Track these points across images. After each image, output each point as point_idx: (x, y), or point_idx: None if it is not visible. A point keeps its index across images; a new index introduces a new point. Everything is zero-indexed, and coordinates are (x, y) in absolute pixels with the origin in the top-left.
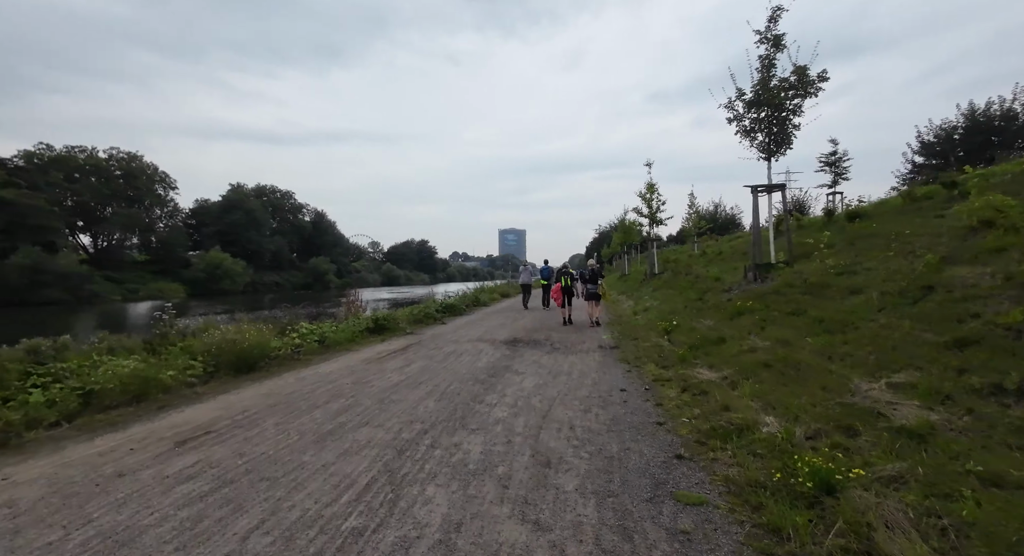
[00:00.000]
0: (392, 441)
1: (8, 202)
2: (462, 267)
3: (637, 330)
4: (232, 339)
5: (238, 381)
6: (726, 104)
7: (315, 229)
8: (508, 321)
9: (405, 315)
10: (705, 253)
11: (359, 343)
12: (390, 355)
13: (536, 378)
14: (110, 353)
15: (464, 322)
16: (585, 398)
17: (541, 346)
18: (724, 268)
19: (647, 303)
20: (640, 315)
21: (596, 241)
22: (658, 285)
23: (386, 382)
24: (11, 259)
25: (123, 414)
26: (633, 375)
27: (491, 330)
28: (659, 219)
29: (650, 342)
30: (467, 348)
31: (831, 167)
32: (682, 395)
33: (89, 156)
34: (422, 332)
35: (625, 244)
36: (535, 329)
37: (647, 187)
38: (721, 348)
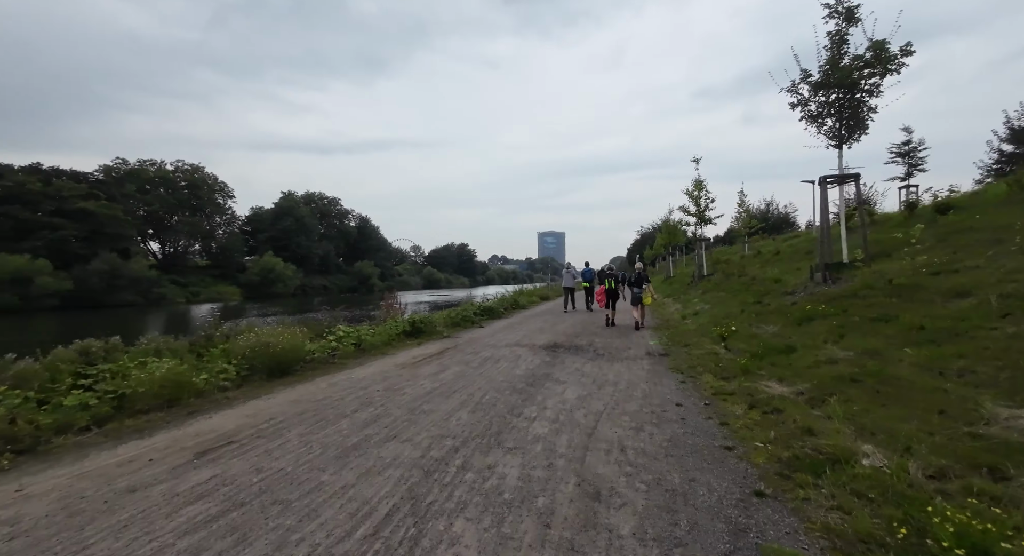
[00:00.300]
0: (419, 460)
1: (90, 213)
2: (501, 270)
3: (688, 336)
4: (266, 343)
5: (271, 386)
6: (789, 88)
7: (360, 234)
8: (548, 325)
9: (442, 318)
10: (760, 253)
11: (395, 347)
12: (425, 360)
13: (579, 388)
14: (156, 355)
15: (502, 326)
16: (635, 413)
17: (583, 352)
18: (784, 269)
19: (696, 306)
20: (690, 319)
21: (638, 243)
22: (708, 287)
23: (418, 390)
24: (92, 265)
25: (152, 420)
26: (688, 387)
27: (530, 334)
28: (708, 218)
29: (704, 349)
30: (505, 354)
31: (904, 158)
32: (750, 413)
33: (158, 169)
34: (459, 336)
35: (669, 245)
36: (576, 334)
37: (695, 184)
38: (791, 358)
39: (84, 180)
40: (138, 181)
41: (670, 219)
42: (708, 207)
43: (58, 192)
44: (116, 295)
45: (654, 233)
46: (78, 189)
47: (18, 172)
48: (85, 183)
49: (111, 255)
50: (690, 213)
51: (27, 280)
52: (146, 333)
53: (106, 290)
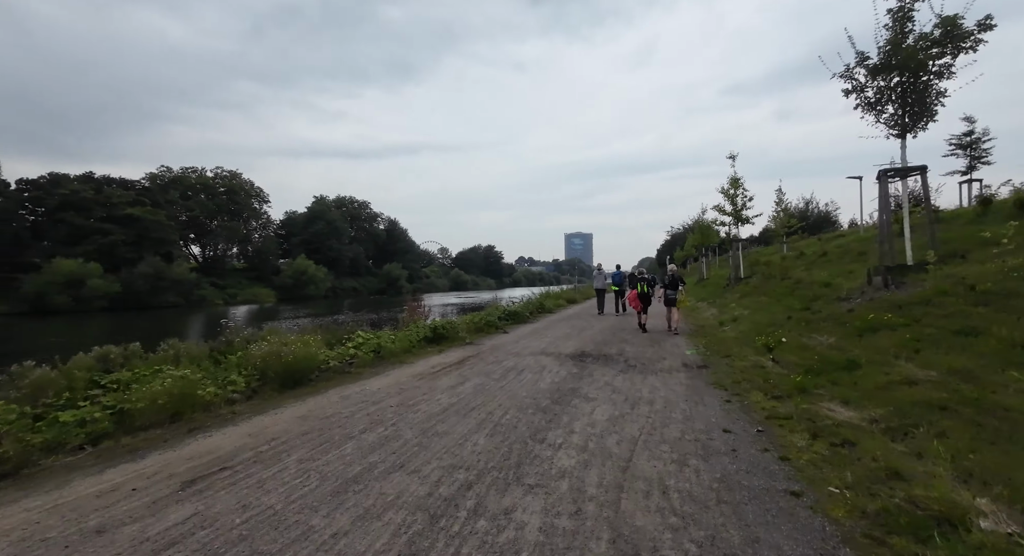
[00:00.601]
0: (426, 499)
1: (136, 219)
2: (528, 272)
3: (727, 345)
4: (277, 353)
5: (281, 398)
6: (842, 73)
7: (389, 237)
8: (575, 331)
9: (465, 323)
10: (803, 254)
11: (415, 354)
12: (444, 370)
13: (610, 407)
14: (175, 362)
15: (528, 331)
16: (677, 442)
17: (613, 363)
18: (833, 271)
19: (735, 312)
20: (728, 326)
21: (668, 244)
22: (746, 291)
23: (434, 406)
24: (138, 268)
25: (150, 438)
26: (735, 408)
27: (556, 341)
28: (745, 217)
29: (748, 361)
30: (529, 363)
31: (965, 150)
32: (814, 445)
33: (199, 176)
34: (482, 342)
35: (702, 246)
36: (605, 341)
37: (730, 181)
38: (855, 376)
39: (131, 187)
40: (181, 187)
41: (703, 219)
42: (745, 206)
43: (108, 199)
44: (160, 297)
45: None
46: (126, 196)
47: (73, 181)
48: (132, 190)
49: (155, 259)
50: (725, 212)
51: (80, 283)
52: (184, 335)
53: (151, 292)
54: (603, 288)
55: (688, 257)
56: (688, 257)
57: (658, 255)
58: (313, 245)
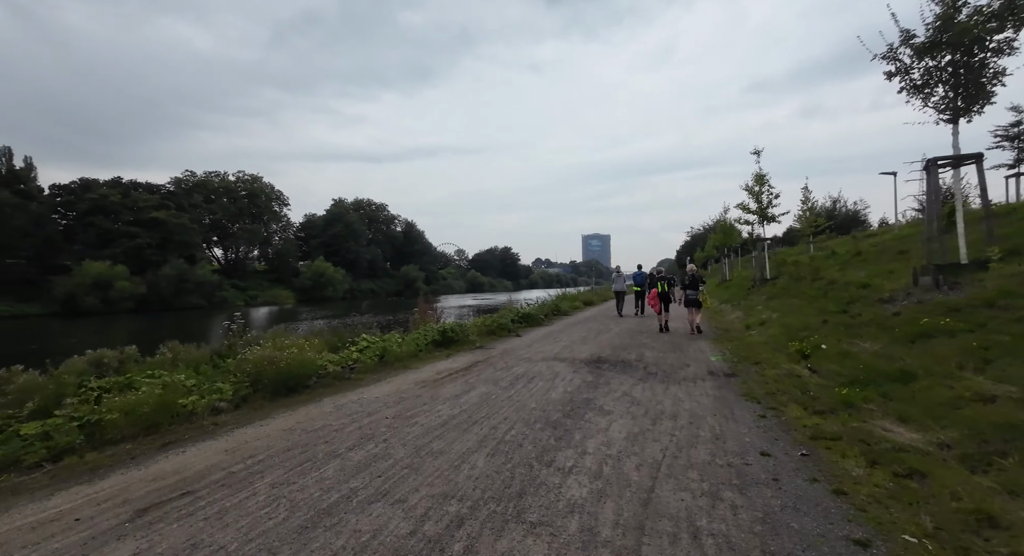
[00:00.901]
0: (407, 539)
1: (161, 222)
2: (545, 273)
3: (756, 350)
4: (270, 358)
5: (272, 407)
6: (885, 54)
7: (406, 239)
8: (591, 334)
9: (475, 326)
10: (834, 254)
11: (422, 359)
12: (450, 377)
13: (628, 422)
14: (173, 365)
15: (541, 334)
16: (706, 467)
17: (632, 369)
18: (871, 271)
19: (762, 315)
20: (755, 330)
21: (688, 244)
22: (773, 292)
23: (433, 419)
24: (162, 270)
25: (117, 454)
26: (772, 425)
27: (571, 345)
28: (771, 215)
29: (780, 370)
30: (540, 370)
31: (1013, 142)
32: (874, 474)
33: (222, 180)
34: (492, 346)
35: (725, 246)
36: (623, 345)
37: (755, 178)
38: (912, 389)
39: (157, 192)
40: (204, 191)
41: (725, 218)
42: (771, 203)
43: (135, 203)
44: (184, 298)
45: (705, 234)
46: (151, 200)
47: (102, 186)
48: (157, 194)
49: (179, 261)
50: (750, 210)
51: (107, 285)
52: (202, 337)
53: (175, 294)
54: (623, 290)
55: (709, 258)
56: (709, 258)
57: (677, 256)
58: (332, 247)
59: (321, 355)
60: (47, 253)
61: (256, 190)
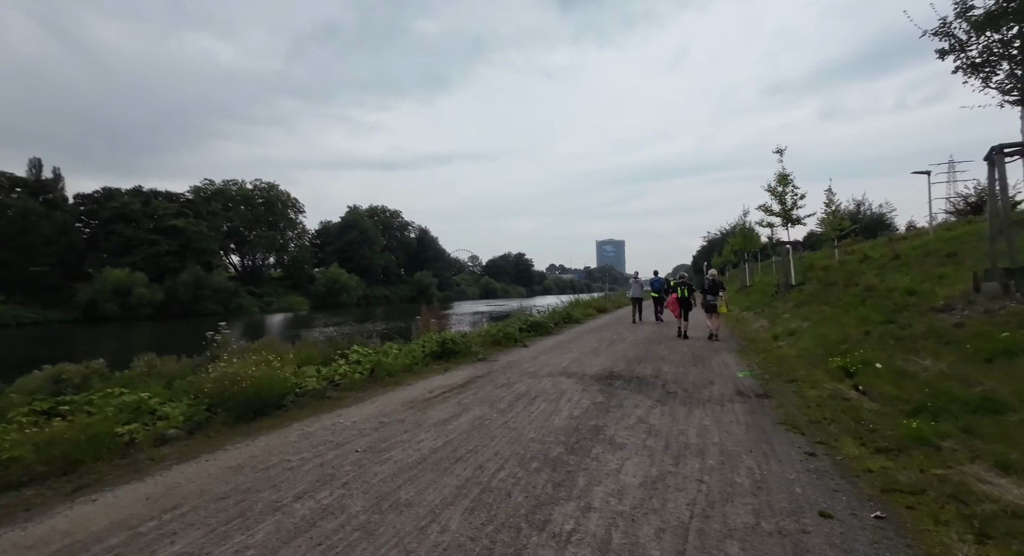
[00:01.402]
0: None
1: (179, 230)
2: (559, 279)
3: (789, 365)
4: (233, 376)
5: (229, 435)
6: (937, 30)
7: (419, 245)
8: (604, 344)
9: (480, 336)
10: (867, 258)
11: (417, 373)
12: (442, 395)
13: (645, 461)
14: (144, 380)
15: (551, 344)
16: (751, 534)
17: (649, 388)
18: (915, 276)
19: (790, 324)
20: (784, 341)
21: (705, 249)
22: (800, 299)
23: (410, 453)
24: (180, 277)
25: (10, 505)
26: (826, 467)
27: (581, 358)
28: (795, 217)
29: (821, 390)
30: (545, 388)
31: None
32: (988, 553)
33: (240, 188)
34: (496, 359)
35: (745, 251)
36: (639, 358)
37: (778, 178)
38: (1006, 424)
39: (176, 200)
40: (222, 199)
41: (746, 221)
42: (796, 204)
43: (154, 211)
44: (200, 305)
45: (723, 239)
46: (171, 208)
47: (124, 195)
48: (177, 203)
49: (196, 268)
50: (772, 212)
51: (127, 292)
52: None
53: (192, 300)
54: (640, 296)
55: (727, 263)
56: (727, 263)
57: (694, 261)
58: (346, 254)
59: (301, 371)
60: (71, 260)
61: (272, 198)
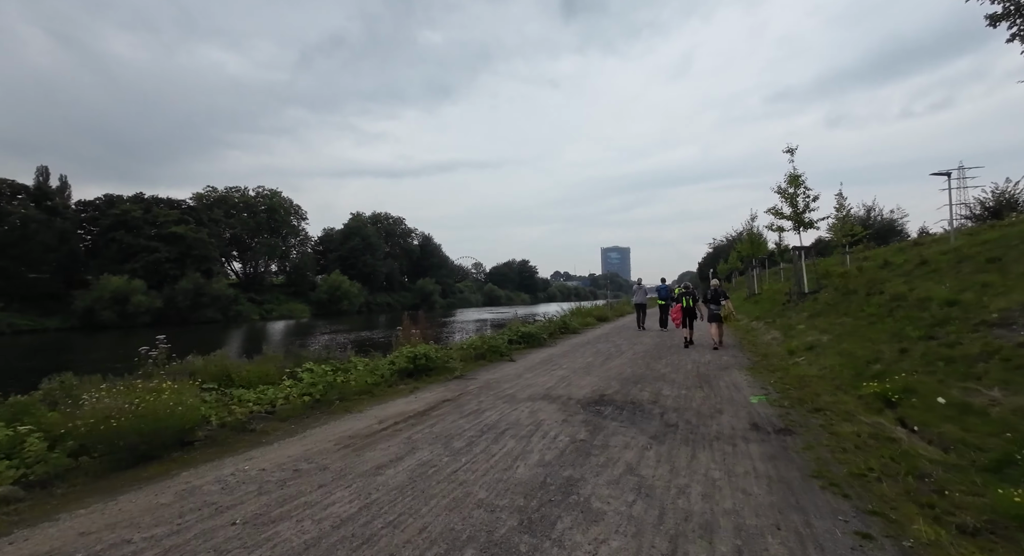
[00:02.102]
0: None
1: (180, 237)
2: (563, 286)
3: (810, 387)
4: (109, 410)
5: (87, 492)
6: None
7: (422, 252)
8: (599, 359)
9: (462, 349)
10: (888, 263)
11: (377, 395)
12: (393, 428)
13: (629, 545)
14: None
15: (540, 359)
16: None
17: (644, 418)
18: (954, 285)
19: (807, 336)
20: (802, 357)
21: (710, 256)
22: (816, 309)
23: (306, 529)
24: (179, 284)
25: None
26: None
27: (571, 375)
28: (808, 220)
29: (858, 425)
30: (519, 417)
31: None
32: None
33: (242, 195)
34: (474, 376)
35: (753, 257)
36: (636, 377)
37: (789, 179)
38: None
39: (177, 207)
40: (224, 207)
41: (753, 227)
42: (808, 207)
43: (155, 218)
44: (200, 312)
45: (728, 246)
46: (172, 215)
47: (125, 201)
48: (178, 210)
49: (195, 275)
50: (783, 215)
51: (125, 299)
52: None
53: (191, 308)
54: (643, 303)
55: (733, 270)
56: (733, 270)
57: (699, 269)
58: (349, 261)
59: (234, 396)
60: (71, 267)
61: (275, 204)
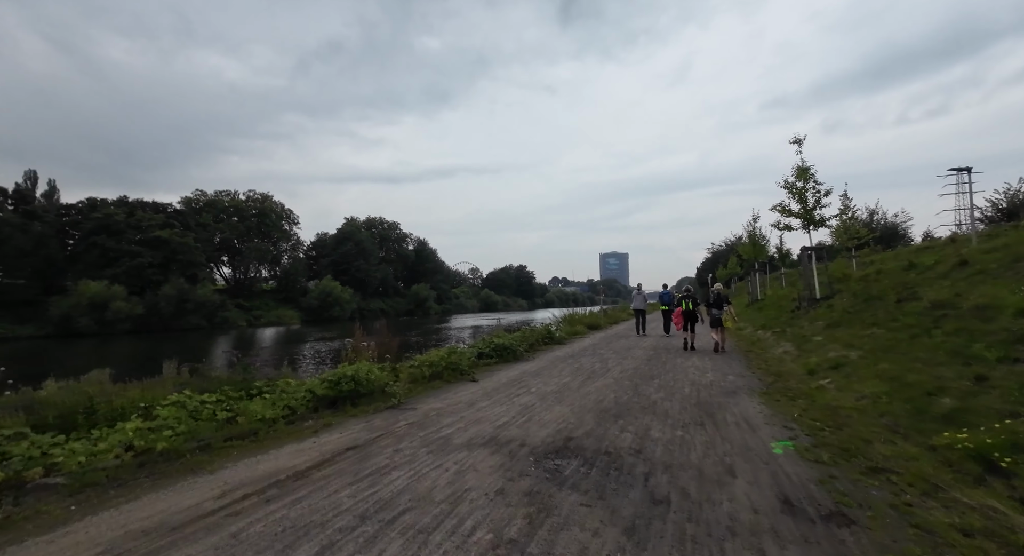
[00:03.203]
0: None
1: (164, 241)
2: (561, 292)
3: (852, 428)
4: None
5: None
6: None
7: (418, 257)
8: (577, 380)
9: (412, 368)
10: (914, 265)
11: (271, 437)
12: (226, 512)
13: None
14: None
15: (508, 378)
16: None
17: (620, 483)
18: (1001, 287)
19: (829, 352)
20: (827, 378)
21: (709, 261)
22: (832, 318)
23: None
24: (162, 290)
25: None
26: None
27: (536, 405)
28: (820, 217)
29: (954, 510)
30: (435, 483)
31: None
32: None
33: (233, 199)
34: (416, 404)
35: (756, 260)
36: (619, 406)
37: (797, 172)
38: None
39: (163, 211)
40: (214, 211)
41: (755, 228)
42: (819, 202)
43: (139, 222)
44: (183, 319)
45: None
46: (157, 219)
47: (109, 205)
48: (163, 214)
49: (179, 281)
50: (791, 212)
51: (103, 305)
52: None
53: (174, 314)
54: (643, 308)
55: (732, 275)
56: (732, 275)
57: (698, 274)
58: (341, 266)
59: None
60: (49, 273)
61: (266, 209)
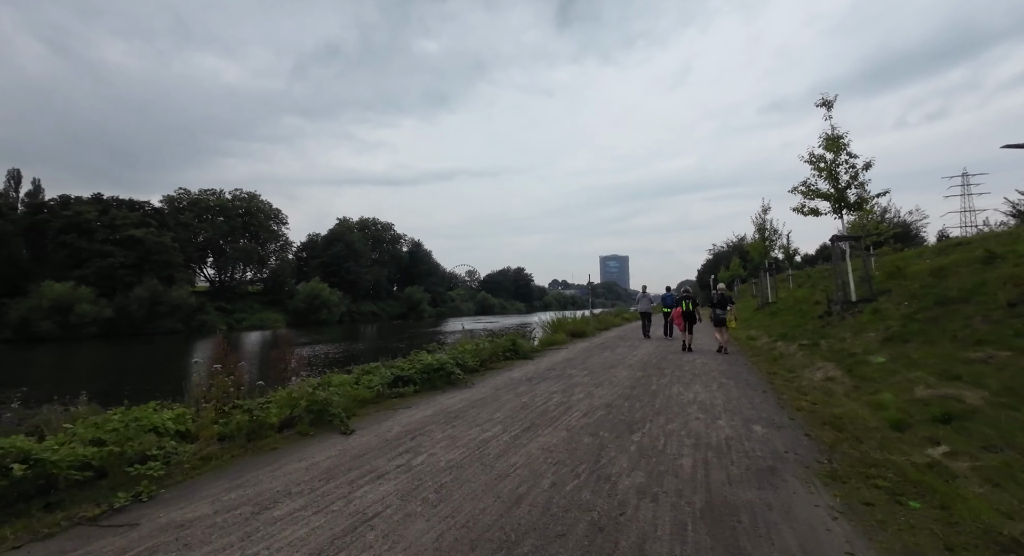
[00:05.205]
0: None
1: (138, 240)
2: (559, 295)
3: None
4: None
5: None
6: None
7: (412, 259)
8: (510, 432)
9: (351, 386)
10: (995, 256)
11: None
12: None
13: None
14: None
15: (461, 405)
16: None
17: None
18: None
19: (911, 384)
20: (935, 438)
21: (710, 263)
22: (891, 328)
23: None
24: (133, 292)
25: None
26: None
27: (488, 444)
28: (858, 199)
29: None
30: None
31: None
32: None
33: (218, 198)
34: (372, 427)
35: (765, 258)
36: (602, 454)
37: (826, 142)
38: None
39: (139, 209)
40: (198, 210)
41: (765, 221)
42: (856, 179)
43: (112, 221)
44: (157, 322)
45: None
46: (131, 218)
47: (82, 203)
48: (139, 212)
49: (153, 282)
50: (817, 194)
51: (68, 308)
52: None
53: (147, 317)
54: (648, 311)
55: (735, 277)
56: (735, 277)
57: (699, 276)
58: (331, 268)
59: None
60: (12, 274)
61: (253, 208)
